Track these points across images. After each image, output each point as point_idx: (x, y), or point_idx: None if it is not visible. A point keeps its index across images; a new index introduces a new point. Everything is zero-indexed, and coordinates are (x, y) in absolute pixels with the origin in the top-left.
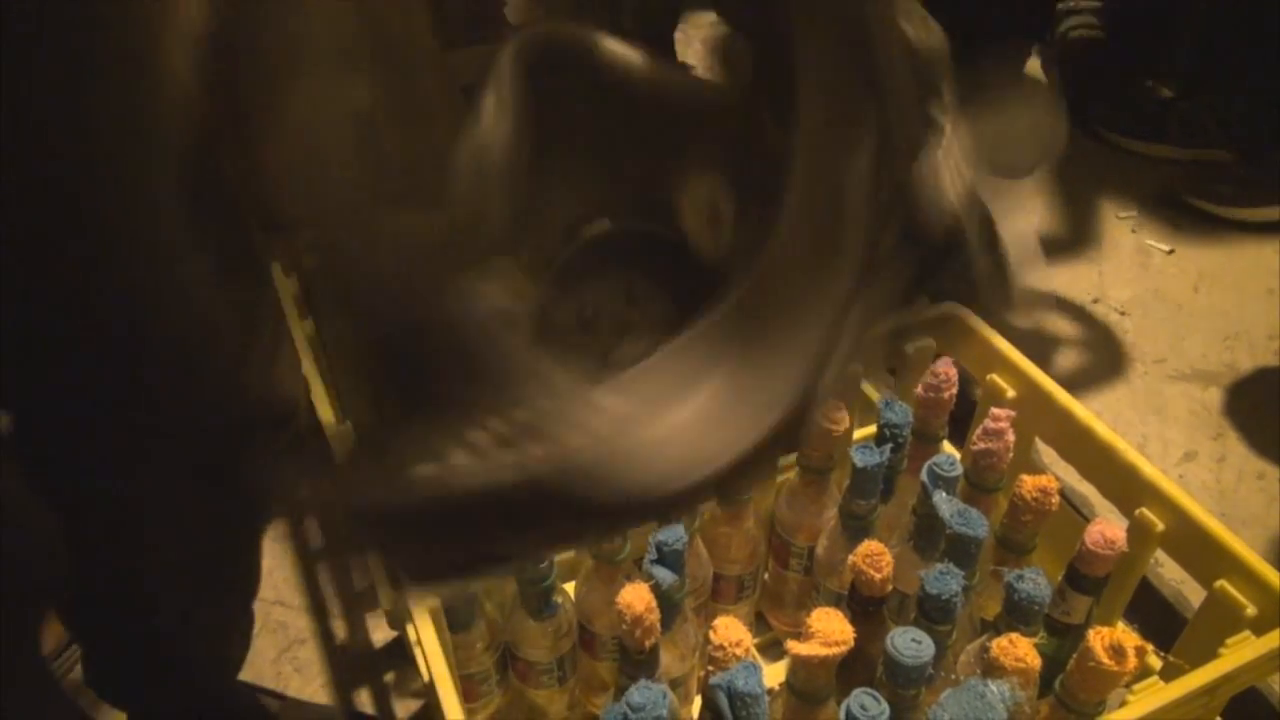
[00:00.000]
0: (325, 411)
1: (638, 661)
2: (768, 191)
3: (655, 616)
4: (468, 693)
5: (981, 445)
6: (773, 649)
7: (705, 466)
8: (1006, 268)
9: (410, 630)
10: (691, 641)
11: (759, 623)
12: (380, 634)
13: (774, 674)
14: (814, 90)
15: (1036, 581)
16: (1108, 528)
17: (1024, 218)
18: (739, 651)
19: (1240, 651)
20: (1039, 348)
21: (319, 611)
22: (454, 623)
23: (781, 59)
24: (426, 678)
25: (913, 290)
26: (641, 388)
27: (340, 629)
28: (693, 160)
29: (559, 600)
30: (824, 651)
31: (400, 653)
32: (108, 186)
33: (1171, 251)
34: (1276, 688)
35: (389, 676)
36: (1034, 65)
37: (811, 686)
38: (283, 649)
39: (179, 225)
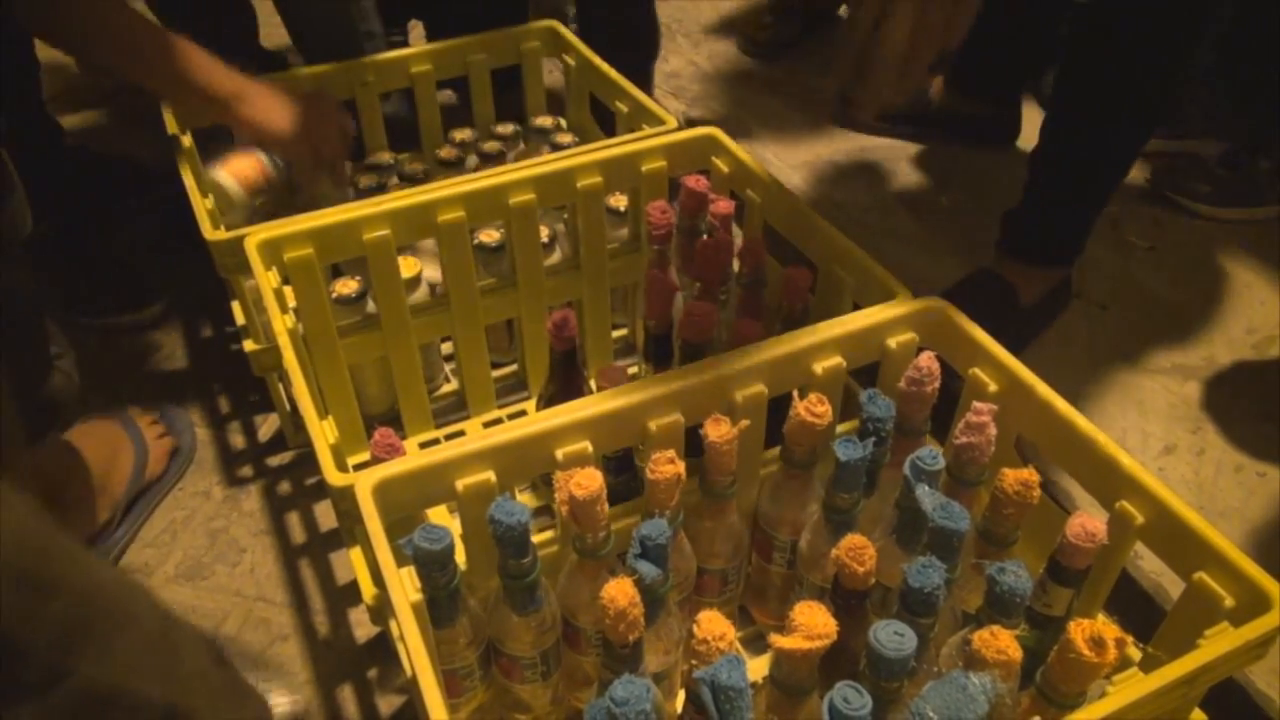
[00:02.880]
0: (307, 406)
1: (621, 656)
2: None
3: (639, 611)
4: (451, 688)
5: (963, 439)
6: (756, 643)
7: None
8: None
9: (393, 626)
10: (675, 636)
11: (742, 617)
12: (363, 630)
13: (757, 668)
14: None
15: (1018, 574)
16: (1088, 520)
17: None
18: (722, 645)
19: (1218, 643)
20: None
21: (302, 608)
22: (437, 618)
23: None
24: (409, 674)
25: None
26: None
27: (323, 625)
28: None
29: (542, 595)
30: (807, 645)
31: (383, 649)
32: None
33: (1151, 247)
34: (1254, 678)
35: (372, 673)
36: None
37: (794, 680)
38: (265, 645)
39: None
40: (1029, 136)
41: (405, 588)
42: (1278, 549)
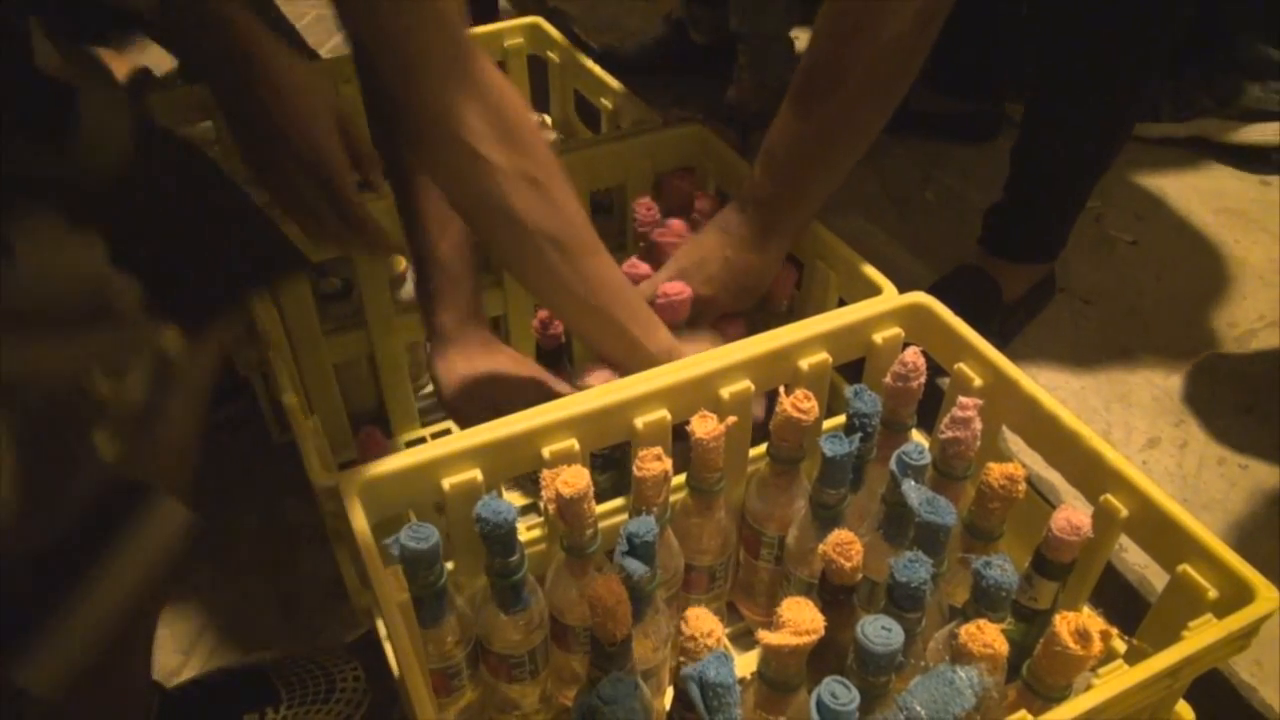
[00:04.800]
0: (292, 405)
1: (609, 654)
2: None
3: (626, 608)
4: (439, 687)
5: (949, 434)
6: (744, 639)
7: None
8: None
9: (380, 626)
10: (663, 633)
11: (730, 613)
12: (350, 630)
13: (746, 664)
14: None
15: (1004, 568)
16: (1073, 514)
17: None
18: (710, 642)
19: (1202, 634)
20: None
21: (287, 608)
22: (424, 618)
23: None
24: (396, 674)
25: None
26: None
27: (309, 625)
28: None
29: (530, 594)
30: (795, 641)
31: (370, 648)
32: None
33: (1134, 242)
34: (1238, 669)
35: (359, 674)
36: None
37: (783, 675)
38: (250, 646)
39: None
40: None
41: (392, 587)
42: (1260, 541)
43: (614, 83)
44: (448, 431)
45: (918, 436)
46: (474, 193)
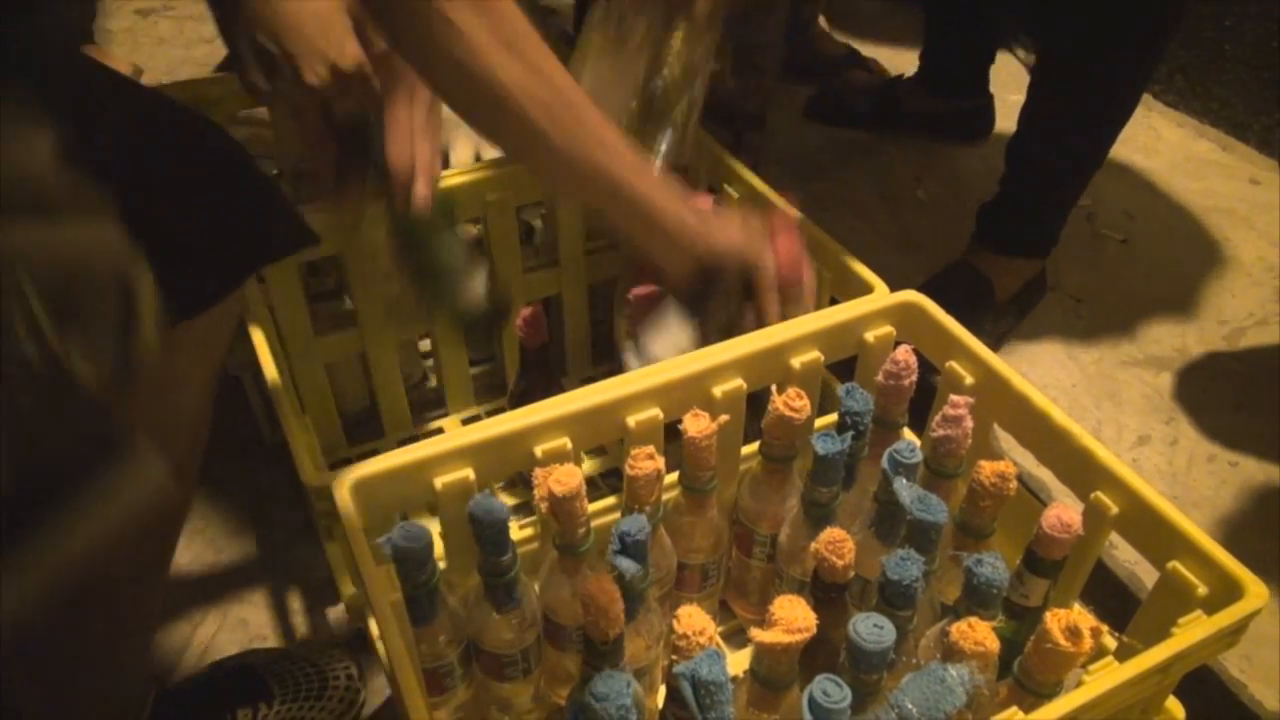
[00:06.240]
0: (284, 405)
1: (602, 652)
2: None
3: (619, 607)
4: (431, 687)
5: (941, 432)
6: (737, 637)
7: None
8: None
9: (372, 625)
10: (656, 631)
11: (723, 611)
12: (341, 629)
13: (738, 662)
14: None
15: (995, 566)
16: (1064, 511)
17: None
18: (703, 640)
19: (1192, 631)
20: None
21: (279, 608)
22: (416, 617)
23: None
24: (389, 673)
25: None
26: None
27: (301, 625)
28: None
29: (522, 593)
30: (787, 639)
31: (362, 647)
32: None
33: (1125, 240)
34: (1227, 665)
35: (351, 672)
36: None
37: (775, 673)
38: (243, 646)
39: None
40: (1005, 127)
41: (384, 586)
42: (1249, 537)
43: None
44: (440, 431)
45: (909, 435)
46: (447, 61)
